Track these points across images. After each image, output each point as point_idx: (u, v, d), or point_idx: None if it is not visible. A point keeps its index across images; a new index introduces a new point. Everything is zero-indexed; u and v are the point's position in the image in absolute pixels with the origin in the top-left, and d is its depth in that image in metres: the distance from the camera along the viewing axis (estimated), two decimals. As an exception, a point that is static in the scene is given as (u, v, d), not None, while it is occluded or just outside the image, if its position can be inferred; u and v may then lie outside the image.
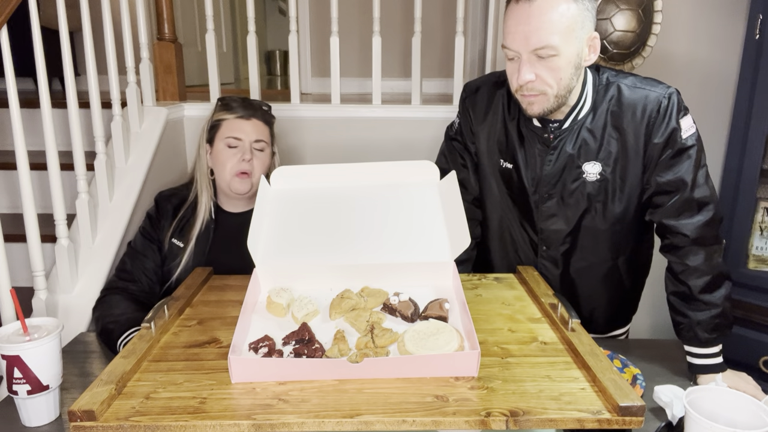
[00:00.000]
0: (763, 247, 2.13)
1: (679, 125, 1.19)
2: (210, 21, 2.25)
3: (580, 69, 1.16)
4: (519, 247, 1.40)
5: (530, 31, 1.08)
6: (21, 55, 1.78)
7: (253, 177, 1.50)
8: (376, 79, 2.32)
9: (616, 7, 2.19)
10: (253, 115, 1.52)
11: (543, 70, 1.12)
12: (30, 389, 0.98)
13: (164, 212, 1.53)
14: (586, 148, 1.24)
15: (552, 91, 1.15)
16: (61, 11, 1.75)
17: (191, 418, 0.80)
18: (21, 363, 0.97)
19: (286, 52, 6.04)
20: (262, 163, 1.52)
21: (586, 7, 1.11)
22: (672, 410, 0.98)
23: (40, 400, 1.01)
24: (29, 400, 1.00)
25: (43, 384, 0.99)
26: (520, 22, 1.09)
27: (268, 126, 1.55)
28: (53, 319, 1.06)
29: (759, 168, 2.06)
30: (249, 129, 1.50)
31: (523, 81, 1.13)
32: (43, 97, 1.66)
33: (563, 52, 1.10)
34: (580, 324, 1.02)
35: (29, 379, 0.98)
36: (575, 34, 1.11)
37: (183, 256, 1.48)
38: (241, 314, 0.99)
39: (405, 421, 0.79)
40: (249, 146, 1.50)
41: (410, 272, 1.14)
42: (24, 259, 1.82)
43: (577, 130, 1.24)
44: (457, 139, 1.43)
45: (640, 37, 2.19)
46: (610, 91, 1.23)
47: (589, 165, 1.25)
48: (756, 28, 2.00)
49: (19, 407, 1.01)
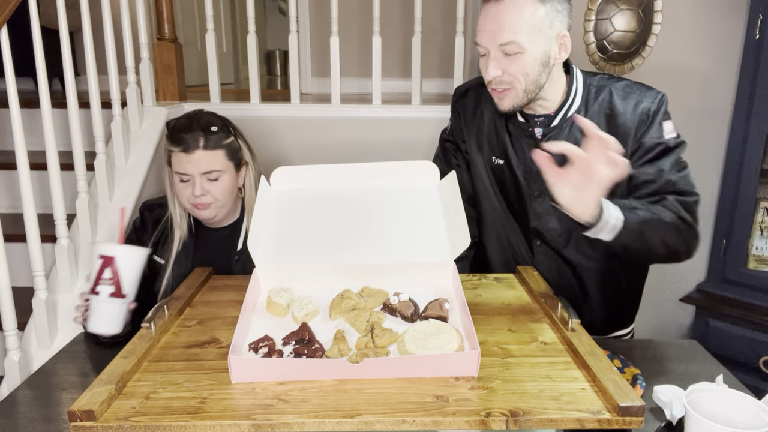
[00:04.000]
0: (763, 247, 2.13)
1: (662, 128, 1.24)
2: (210, 21, 2.26)
3: (548, 66, 1.20)
4: (514, 244, 1.40)
5: (497, 29, 1.15)
6: (21, 55, 1.78)
7: (215, 203, 1.40)
8: (376, 79, 2.32)
9: (616, 7, 2.19)
10: (197, 146, 1.36)
11: (510, 66, 1.17)
12: (113, 291, 1.07)
13: (146, 224, 1.49)
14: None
15: (520, 86, 1.19)
16: (61, 11, 1.76)
17: (191, 418, 0.79)
18: (113, 264, 1.08)
19: (286, 52, 6.04)
20: (221, 190, 1.39)
21: (555, 7, 1.16)
22: (671, 410, 0.98)
23: (115, 306, 1.10)
24: (107, 303, 1.09)
25: (123, 291, 1.08)
26: (488, 21, 1.16)
27: (220, 149, 1.39)
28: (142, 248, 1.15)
29: (759, 168, 2.06)
30: (194, 163, 1.36)
31: (490, 76, 1.19)
32: (43, 97, 1.67)
33: (529, 49, 1.15)
34: (580, 324, 1.02)
35: (114, 282, 1.08)
36: (542, 34, 1.15)
37: (165, 274, 1.43)
38: (241, 314, 0.99)
39: (405, 421, 0.79)
40: (199, 180, 1.37)
41: (410, 272, 1.14)
42: (24, 259, 1.82)
43: (568, 129, 1.27)
44: (449, 140, 1.48)
45: (640, 37, 2.19)
46: (602, 94, 1.27)
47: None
48: (756, 28, 2.00)
49: (93, 310, 1.11)
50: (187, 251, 1.45)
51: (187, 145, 1.36)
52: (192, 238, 1.47)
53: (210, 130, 1.38)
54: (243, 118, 1.98)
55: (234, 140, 1.44)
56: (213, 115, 1.44)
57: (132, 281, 1.12)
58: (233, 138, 1.44)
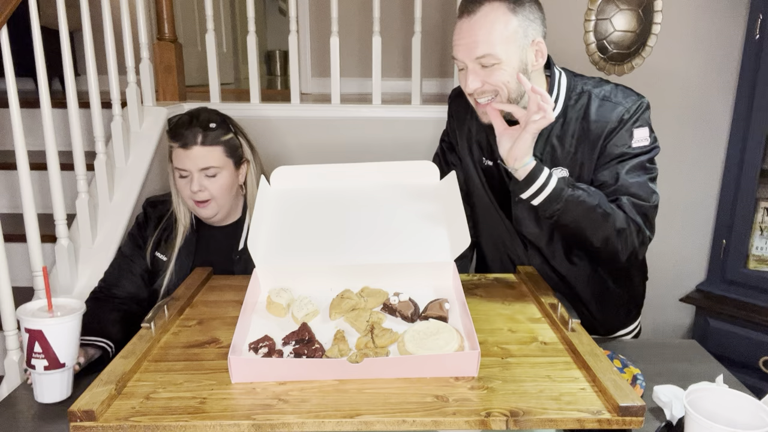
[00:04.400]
0: (763, 247, 2.13)
1: (632, 135, 1.23)
2: (210, 21, 2.26)
3: (527, 74, 1.21)
4: (509, 245, 1.40)
5: (471, 43, 1.17)
6: (21, 55, 1.77)
7: (214, 201, 1.40)
8: (376, 79, 2.32)
9: (616, 7, 2.19)
10: (195, 142, 1.37)
11: (489, 77, 1.19)
12: (47, 365, 1.01)
13: (150, 220, 1.49)
14: (553, 155, 1.28)
15: (503, 94, 1.20)
16: (61, 11, 1.76)
17: (191, 418, 0.80)
18: (42, 338, 0.99)
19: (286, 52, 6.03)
20: (219, 187, 1.39)
21: (527, 17, 1.17)
22: (671, 410, 0.98)
23: (55, 377, 1.03)
24: (45, 376, 1.02)
25: (60, 361, 1.01)
26: (462, 36, 1.18)
27: (218, 146, 1.40)
28: (76, 300, 1.08)
29: (759, 168, 2.06)
30: (192, 158, 1.37)
31: (470, 89, 1.20)
32: (43, 97, 1.67)
33: (505, 60, 1.17)
34: (580, 324, 1.02)
35: (48, 355, 1.00)
36: (517, 44, 1.17)
37: (167, 271, 1.43)
38: (241, 314, 0.99)
39: (405, 421, 0.79)
40: (197, 176, 1.38)
41: (410, 272, 1.14)
42: (24, 259, 1.82)
43: (546, 136, 1.27)
44: (445, 140, 1.50)
45: (640, 37, 2.19)
46: (580, 101, 1.27)
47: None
48: (756, 28, 2.00)
49: (34, 382, 1.04)
50: (188, 250, 1.45)
51: (186, 141, 1.37)
52: (194, 236, 1.47)
53: (208, 127, 1.39)
54: (243, 118, 1.97)
55: (233, 137, 1.44)
56: (213, 112, 1.45)
57: (69, 348, 1.02)
58: (233, 135, 1.44)
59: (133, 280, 1.44)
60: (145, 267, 1.46)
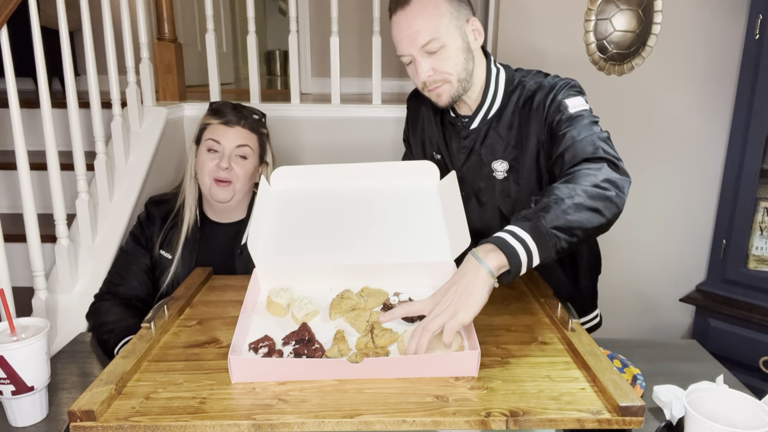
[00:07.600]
0: (763, 247, 2.13)
1: (565, 102, 1.21)
2: (210, 21, 2.26)
3: (471, 53, 1.24)
4: None
5: (413, 34, 1.18)
6: (21, 55, 1.77)
7: (235, 184, 1.44)
8: (376, 79, 2.32)
9: (616, 7, 2.19)
10: (238, 123, 1.45)
11: (438, 63, 1.20)
12: (15, 390, 0.96)
13: (153, 219, 1.51)
14: (493, 148, 1.30)
15: (453, 77, 1.22)
16: (61, 11, 1.75)
17: (191, 418, 0.80)
18: (5, 363, 0.95)
19: (286, 52, 6.04)
20: (245, 171, 1.45)
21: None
22: (671, 410, 0.98)
23: (26, 401, 0.99)
24: (14, 401, 0.98)
25: (28, 385, 0.97)
26: (401, 29, 1.20)
27: (255, 134, 1.48)
28: (41, 320, 1.04)
29: (759, 168, 2.06)
30: (231, 135, 1.44)
31: (424, 77, 1.22)
32: (43, 97, 1.66)
33: (449, 41, 1.19)
34: (580, 324, 1.02)
35: (14, 380, 0.96)
36: (454, 24, 1.20)
37: (170, 268, 1.45)
38: (241, 314, 0.99)
39: (405, 421, 0.79)
40: (229, 153, 1.44)
41: (410, 272, 1.14)
42: (24, 259, 1.82)
43: (485, 131, 1.29)
44: (404, 139, 1.54)
45: (640, 37, 2.19)
46: (516, 91, 1.29)
47: (498, 163, 1.30)
48: (756, 28, 2.00)
49: (5, 407, 1.00)
50: (192, 246, 1.47)
51: (228, 119, 1.45)
52: (198, 233, 1.49)
53: (252, 116, 1.50)
54: (243, 118, 1.98)
55: (267, 136, 1.54)
56: (257, 109, 1.56)
57: (36, 370, 0.98)
58: (266, 134, 1.54)
59: (139, 278, 1.47)
60: (148, 265, 1.48)
